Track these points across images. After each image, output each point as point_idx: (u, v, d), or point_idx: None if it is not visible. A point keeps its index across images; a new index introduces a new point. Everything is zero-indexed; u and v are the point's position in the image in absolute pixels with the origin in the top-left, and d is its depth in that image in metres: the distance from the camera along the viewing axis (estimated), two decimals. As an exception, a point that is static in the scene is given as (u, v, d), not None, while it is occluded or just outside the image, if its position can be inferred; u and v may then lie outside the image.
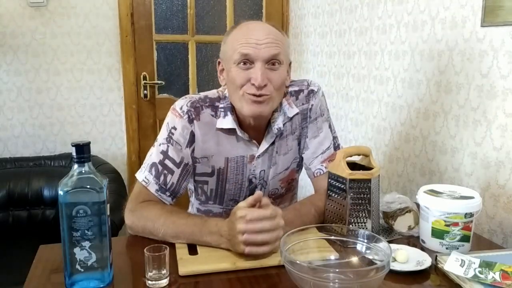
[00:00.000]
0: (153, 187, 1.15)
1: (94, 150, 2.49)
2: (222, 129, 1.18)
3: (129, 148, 2.68)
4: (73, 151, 0.86)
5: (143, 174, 1.17)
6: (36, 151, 2.52)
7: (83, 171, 0.87)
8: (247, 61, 1.09)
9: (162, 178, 1.16)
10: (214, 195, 1.27)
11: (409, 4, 1.66)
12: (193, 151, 1.19)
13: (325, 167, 1.25)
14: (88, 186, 0.86)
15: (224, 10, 2.74)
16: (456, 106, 1.44)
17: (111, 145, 2.66)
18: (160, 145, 1.18)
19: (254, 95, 1.09)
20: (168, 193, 1.17)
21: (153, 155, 1.18)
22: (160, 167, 1.16)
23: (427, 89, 1.57)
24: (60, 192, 0.85)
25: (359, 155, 1.19)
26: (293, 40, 2.79)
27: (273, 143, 1.23)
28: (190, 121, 1.17)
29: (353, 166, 1.15)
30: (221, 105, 1.19)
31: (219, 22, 2.76)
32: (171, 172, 1.16)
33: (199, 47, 2.74)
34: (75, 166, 0.87)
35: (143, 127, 2.68)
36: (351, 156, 1.16)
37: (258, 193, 1.00)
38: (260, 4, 2.80)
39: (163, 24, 2.68)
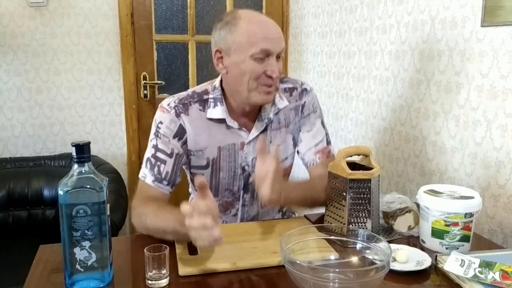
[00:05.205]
0: (150, 179, 1.20)
1: (94, 150, 2.49)
2: (212, 119, 1.23)
3: (129, 148, 2.68)
4: (73, 151, 0.86)
5: (141, 171, 1.23)
6: (36, 151, 2.52)
7: (83, 171, 0.87)
8: (265, 55, 1.14)
9: (156, 169, 1.20)
10: (209, 187, 1.26)
11: (409, 4, 1.66)
12: (184, 143, 1.23)
13: (319, 158, 1.32)
14: (88, 186, 0.86)
15: (224, 10, 2.74)
16: (456, 106, 1.44)
17: (111, 145, 2.66)
18: (150, 140, 1.23)
19: (269, 85, 1.16)
20: (165, 182, 1.20)
21: (146, 151, 1.24)
22: (153, 160, 1.21)
23: (427, 89, 1.57)
24: (60, 192, 0.85)
25: (359, 155, 1.19)
26: (293, 40, 2.79)
27: (265, 131, 1.27)
28: (177, 115, 1.21)
29: (353, 166, 1.15)
30: (210, 96, 1.24)
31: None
32: (164, 162, 1.20)
33: (199, 47, 2.74)
34: (75, 166, 0.87)
35: (143, 127, 2.68)
36: (351, 156, 1.16)
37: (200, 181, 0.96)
38: (260, 4, 2.80)
39: (163, 24, 2.68)
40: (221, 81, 1.25)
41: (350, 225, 1.08)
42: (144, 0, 2.59)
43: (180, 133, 1.21)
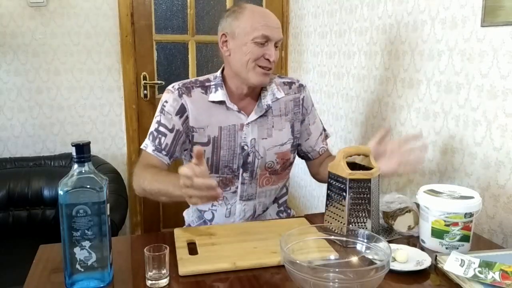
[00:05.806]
0: (150, 149, 1.34)
1: (94, 150, 2.49)
2: (213, 102, 1.36)
3: (129, 148, 2.68)
4: (73, 151, 0.86)
5: (144, 142, 1.37)
6: (36, 151, 2.52)
7: (83, 171, 0.87)
8: (264, 40, 1.29)
9: (157, 140, 1.34)
10: (210, 163, 1.38)
11: (409, 4, 1.66)
12: (185, 121, 1.35)
13: (326, 144, 1.53)
14: (88, 186, 0.86)
15: (224, 10, 2.73)
16: (456, 106, 1.44)
17: (111, 145, 2.66)
18: (155, 117, 1.37)
19: (265, 67, 1.31)
20: (164, 152, 1.33)
21: (151, 126, 1.38)
22: (155, 133, 1.35)
23: (427, 89, 1.57)
24: (60, 192, 0.85)
25: (359, 155, 1.19)
26: (293, 40, 2.79)
27: (264, 116, 1.39)
28: (180, 95, 1.35)
29: (353, 166, 1.15)
30: (212, 83, 1.39)
31: (219, 22, 2.75)
32: (165, 135, 1.34)
33: (199, 47, 2.74)
34: (75, 166, 0.87)
35: (143, 127, 2.68)
36: (351, 156, 1.16)
37: (198, 149, 1.03)
38: (259, 4, 2.80)
39: (163, 24, 2.68)
40: (221, 71, 1.40)
41: (350, 225, 1.08)
42: (144, 0, 2.59)
43: (181, 111, 1.35)
